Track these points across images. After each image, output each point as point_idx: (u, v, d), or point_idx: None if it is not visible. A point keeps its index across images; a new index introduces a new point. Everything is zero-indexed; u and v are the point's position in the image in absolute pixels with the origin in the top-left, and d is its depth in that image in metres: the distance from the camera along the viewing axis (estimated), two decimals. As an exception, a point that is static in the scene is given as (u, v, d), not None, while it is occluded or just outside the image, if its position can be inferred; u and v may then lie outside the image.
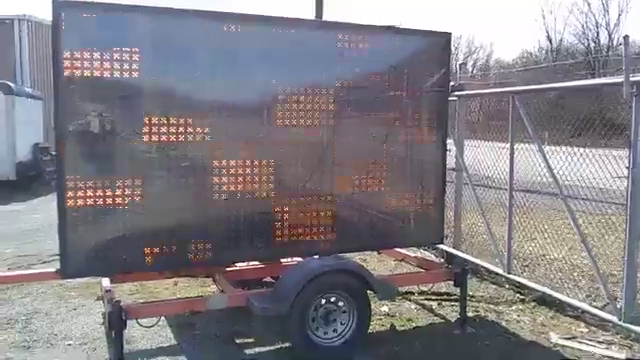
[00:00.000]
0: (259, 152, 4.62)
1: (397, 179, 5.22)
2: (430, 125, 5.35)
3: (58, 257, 4.26)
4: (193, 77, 4.38)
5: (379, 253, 5.89)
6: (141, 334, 4.75)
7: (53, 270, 4.67)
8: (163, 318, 4.90)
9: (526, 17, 73.83)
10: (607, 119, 6.53)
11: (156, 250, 4.35)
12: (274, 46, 4.62)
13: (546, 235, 7.04)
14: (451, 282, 5.28)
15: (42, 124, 16.90)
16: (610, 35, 38.35)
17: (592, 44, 37.00)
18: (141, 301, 5.44)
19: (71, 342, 4.77)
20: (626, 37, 4.55)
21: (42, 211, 11.74)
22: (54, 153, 4.26)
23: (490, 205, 7.01)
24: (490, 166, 6.99)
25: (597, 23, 38.57)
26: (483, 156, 7.05)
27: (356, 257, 6.13)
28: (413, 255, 5.80)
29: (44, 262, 7.38)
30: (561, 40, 41.89)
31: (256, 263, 5.34)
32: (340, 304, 4.55)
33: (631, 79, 4.44)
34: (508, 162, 6.04)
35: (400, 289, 5.32)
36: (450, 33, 5.41)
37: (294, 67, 4.74)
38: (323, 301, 4.50)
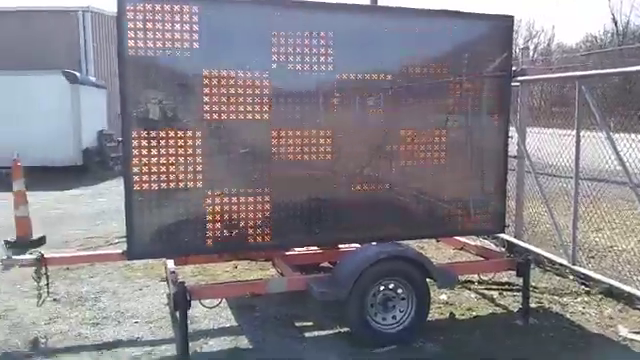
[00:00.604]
0: (319, 137, 4.64)
1: (457, 166, 5.12)
2: (492, 111, 5.22)
3: (124, 239, 4.42)
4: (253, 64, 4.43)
5: (437, 241, 5.81)
6: (203, 314, 4.88)
7: (119, 252, 4.86)
8: (224, 300, 5.02)
9: (592, -1, 70.56)
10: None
11: (217, 233, 4.45)
12: (339, 32, 4.60)
13: (614, 225, 6.78)
14: (513, 272, 5.16)
15: (106, 112, 17.52)
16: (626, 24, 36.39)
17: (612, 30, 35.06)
18: (203, 283, 5.59)
19: (138, 320, 4.95)
20: None
21: (107, 195, 12.21)
22: (119, 139, 4.41)
23: (554, 194, 6.80)
24: (553, 154, 6.77)
25: (612, 11, 36.50)
26: (546, 143, 6.84)
27: (414, 245, 6.07)
28: (473, 243, 5.70)
29: (110, 244, 7.69)
30: (627, 23, 39.96)
31: (314, 248, 5.39)
32: (399, 291, 4.53)
33: None
34: (573, 150, 5.84)
35: (460, 278, 5.25)
36: (513, 16, 5.25)
37: (355, 52, 4.70)
38: (382, 287, 4.49)
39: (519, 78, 6.37)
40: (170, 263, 4.89)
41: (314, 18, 4.57)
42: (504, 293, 5.63)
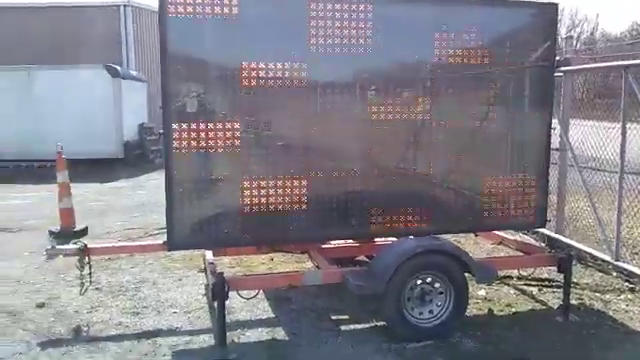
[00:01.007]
0: (355, 130, 4.63)
1: (497, 159, 5.04)
2: (534, 102, 5.10)
3: (163, 230, 4.50)
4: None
5: (476, 235, 5.73)
6: (240, 306, 4.93)
7: (160, 242, 4.95)
8: (261, 291, 5.06)
9: (638, -15, 68.22)
10: None
11: (254, 225, 4.48)
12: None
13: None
14: (553, 268, 5.06)
15: (147, 105, 17.84)
16: None
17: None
18: (240, 274, 5.65)
19: (177, 310, 5.05)
20: None
21: (147, 187, 12.46)
22: (160, 132, 4.49)
23: (597, 188, 6.63)
24: (597, 146, 6.59)
25: None
26: (590, 136, 6.66)
27: (451, 239, 5.99)
28: (512, 238, 5.60)
29: (150, 235, 7.85)
30: (678, 9, 38.39)
31: (351, 241, 5.38)
32: (436, 285, 4.49)
33: None
34: (618, 142, 5.67)
35: (499, 273, 5.17)
36: (557, 4, 5.10)
37: (391, 42, 4.64)
38: (419, 281, 4.46)
39: (562, 68, 6.21)
40: (209, 254, 4.97)
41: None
42: (544, 289, 5.52)
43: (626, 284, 5.60)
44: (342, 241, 5.38)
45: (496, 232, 5.57)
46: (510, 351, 4.26)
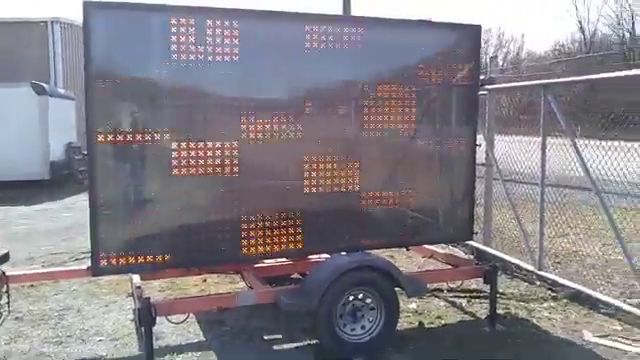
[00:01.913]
0: (289, 149, 4.63)
1: (426, 175, 5.17)
2: (460, 120, 5.29)
3: (89, 254, 4.33)
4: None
5: (408, 249, 5.83)
6: (171, 330, 4.80)
7: (84, 267, 4.76)
8: (192, 315, 4.94)
9: (558, 7, 72.17)
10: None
11: (183, 247, 4.39)
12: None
13: (578, 230, 6.89)
14: (481, 279, 5.20)
15: (75, 124, 17.24)
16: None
17: (627, 35, 36.05)
18: (172, 297, 5.50)
19: (102, 338, 4.85)
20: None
21: (74, 209, 11.97)
22: (85, 152, 4.34)
23: (521, 201, 6.91)
24: (520, 161, 6.87)
25: (633, 13, 37.58)
26: (513, 151, 6.94)
27: (385, 254, 6.08)
28: (442, 252, 5.73)
29: (76, 259, 7.53)
30: (595, 31, 40.95)
31: (284, 260, 5.35)
32: (368, 301, 4.53)
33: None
34: (539, 157, 5.93)
35: (429, 286, 5.28)
36: (480, 26, 5.32)
37: (321, 63, 4.71)
38: (351, 297, 4.48)
39: (487, 87, 6.46)
40: (136, 278, 4.80)
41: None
42: (472, 300, 5.67)
43: (549, 292, 5.84)
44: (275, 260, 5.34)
45: (426, 246, 5.67)
46: (442, 364, 4.34)
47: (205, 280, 6.25)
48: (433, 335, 4.87)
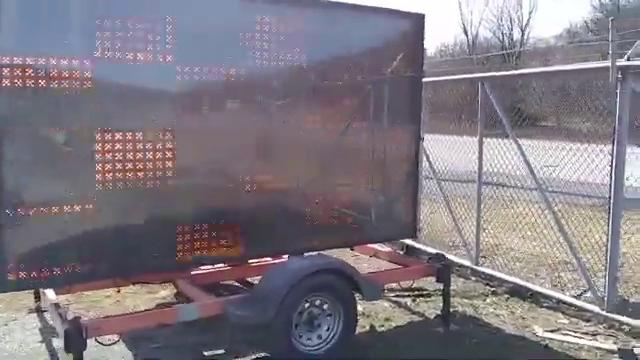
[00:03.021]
0: (225, 144, 4.12)
1: (369, 171, 4.86)
2: (403, 113, 5.05)
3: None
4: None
5: (352, 249, 5.53)
6: (91, 350, 4.08)
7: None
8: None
9: (445, 9, 75.78)
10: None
11: (109, 255, 3.75)
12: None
13: (495, 224, 7.00)
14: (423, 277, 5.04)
15: None
16: (522, 31, 40.67)
17: (506, 39, 38.82)
18: (86, 312, 4.77)
19: (10, 365, 4.05)
20: (612, 20, 4.47)
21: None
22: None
23: (432, 195, 6.98)
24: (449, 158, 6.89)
25: (511, 18, 40.55)
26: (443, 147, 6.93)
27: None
28: (385, 250, 5.49)
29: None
30: (477, 34, 43.54)
31: (220, 265, 4.81)
32: (325, 307, 4.15)
33: (617, 64, 4.37)
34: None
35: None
36: (424, 14, 5.12)
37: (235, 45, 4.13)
38: (307, 305, 4.08)
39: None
40: (51, 293, 4.06)
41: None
42: (417, 300, 5.49)
43: (487, 288, 5.81)
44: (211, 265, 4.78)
45: (370, 245, 5.40)
46: (403, 371, 4.07)
47: (119, 291, 5.51)
48: (387, 339, 4.60)
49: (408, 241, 6.83)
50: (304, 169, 4.50)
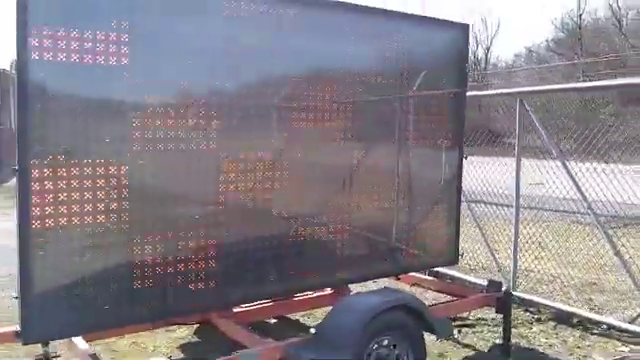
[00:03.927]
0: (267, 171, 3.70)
1: (411, 199, 4.52)
2: (447, 131, 4.76)
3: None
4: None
5: (397, 279, 5.13)
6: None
7: (11, 330, 3.35)
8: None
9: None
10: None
11: (148, 296, 3.29)
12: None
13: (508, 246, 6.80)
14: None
15: None
16: (487, 51, 41.72)
17: (472, 58, 39.48)
18: (105, 355, 4.20)
19: None
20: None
21: None
22: (15, 167, 2.96)
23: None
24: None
25: (477, 39, 41.38)
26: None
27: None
28: (430, 279, 5.13)
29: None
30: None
31: (264, 301, 4.34)
32: (392, 347, 3.73)
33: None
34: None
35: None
36: (469, 25, 4.86)
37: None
38: (375, 346, 3.65)
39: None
40: (80, 341, 3.50)
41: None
42: (462, 330, 5.13)
43: (528, 314, 5.52)
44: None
45: (412, 274, 5.04)
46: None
47: (140, 335, 4.92)
48: (451, 377, 4.23)
49: (442, 269, 6.49)
50: (347, 197, 4.14)
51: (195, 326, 4.82)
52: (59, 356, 3.81)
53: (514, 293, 5.67)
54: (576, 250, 6.00)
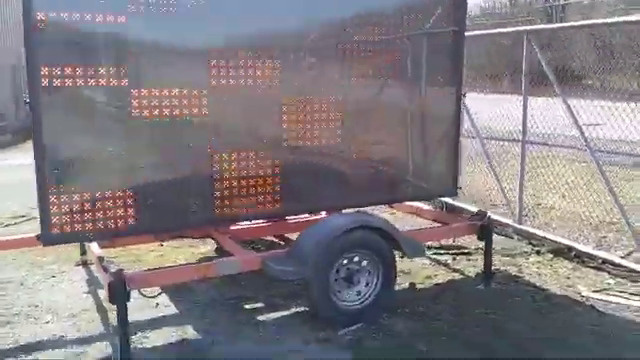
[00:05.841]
0: (263, 96, 4.07)
1: (410, 129, 4.74)
2: (444, 71, 4.88)
3: (22, 219, 3.64)
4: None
5: (391, 207, 5.45)
6: (135, 303, 4.19)
7: (31, 236, 4.04)
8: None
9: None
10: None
11: (149, 210, 3.80)
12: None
13: (534, 183, 6.81)
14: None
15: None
16: None
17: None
18: (137, 268, 4.88)
19: (57, 315, 4.19)
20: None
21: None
22: (27, 101, 3.54)
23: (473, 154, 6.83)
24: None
25: None
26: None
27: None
28: (427, 209, 5.40)
29: (6, 225, 6.61)
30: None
31: (259, 221, 4.83)
32: (364, 264, 4.12)
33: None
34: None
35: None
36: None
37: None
38: (345, 261, 4.06)
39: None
40: (95, 247, 4.15)
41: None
42: (457, 257, 5.41)
43: (530, 246, 5.68)
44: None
45: (410, 203, 5.32)
46: (444, 328, 4.02)
47: (162, 244, 5.62)
48: (428, 296, 4.56)
49: (449, 200, 6.73)
50: (344, 125, 4.43)
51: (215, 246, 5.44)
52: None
53: (518, 226, 5.84)
54: (603, 191, 5.93)
